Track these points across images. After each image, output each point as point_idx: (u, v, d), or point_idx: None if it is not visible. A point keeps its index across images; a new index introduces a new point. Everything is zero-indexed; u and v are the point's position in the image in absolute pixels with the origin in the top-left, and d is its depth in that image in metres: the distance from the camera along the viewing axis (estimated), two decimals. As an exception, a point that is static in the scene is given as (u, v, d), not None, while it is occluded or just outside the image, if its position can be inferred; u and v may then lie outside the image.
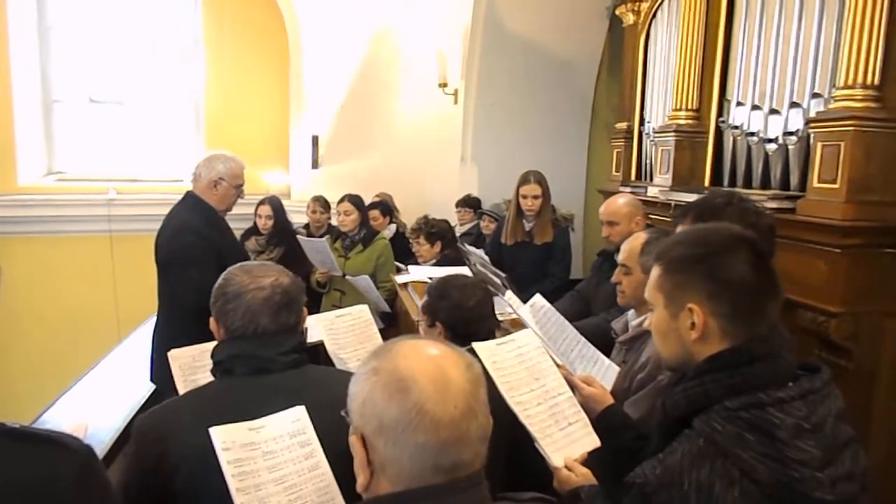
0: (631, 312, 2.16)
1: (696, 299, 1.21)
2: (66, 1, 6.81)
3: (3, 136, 6.45)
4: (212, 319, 1.59)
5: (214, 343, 1.58)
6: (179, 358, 1.80)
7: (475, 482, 0.92)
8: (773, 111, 3.00)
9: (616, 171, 4.66)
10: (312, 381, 1.54)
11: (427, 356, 0.93)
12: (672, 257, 1.25)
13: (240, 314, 1.52)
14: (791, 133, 2.86)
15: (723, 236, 1.25)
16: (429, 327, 1.92)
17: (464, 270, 3.44)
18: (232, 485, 1.22)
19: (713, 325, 1.20)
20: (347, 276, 4.11)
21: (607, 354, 2.10)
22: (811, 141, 2.64)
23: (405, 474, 0.89)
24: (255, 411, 1.36)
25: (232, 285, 1.55)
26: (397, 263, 4.44)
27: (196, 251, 2.88)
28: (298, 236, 4.28)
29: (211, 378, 1.56)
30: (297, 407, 1.37)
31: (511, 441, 1.57)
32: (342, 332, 2.11)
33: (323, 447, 1.35)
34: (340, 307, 2.39)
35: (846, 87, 2.45)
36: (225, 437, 1.25)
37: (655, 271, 1.28)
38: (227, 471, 1.22)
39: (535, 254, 3.81)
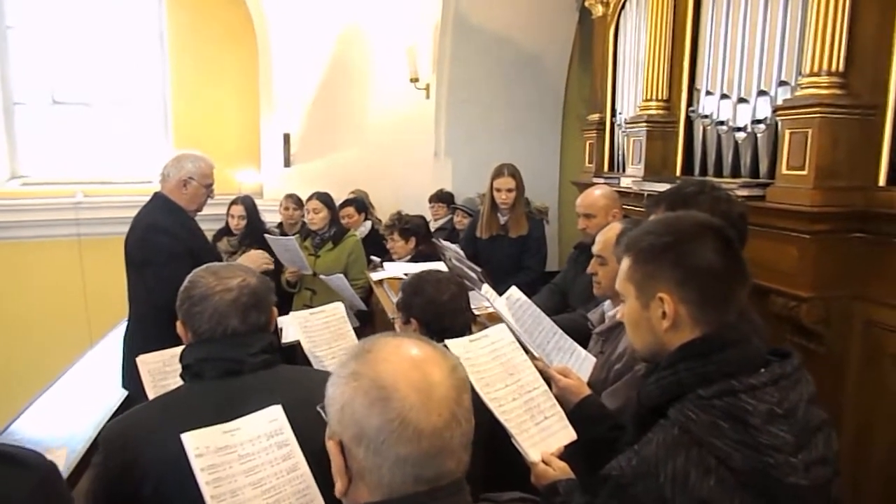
0: (607, 303, 2.17)
1: (666, 288, 1.21)
2: (24, 0, 6.63)
3: (-36, 141, 6.29)
4: (178, 323, 1.55)
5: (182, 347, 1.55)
6: (149, 363, 1.76)
7: (457, 489, 0.89)
8: (741, 100, 3.02)
9: (589, 163, 4.67)
10: (285, 381, 1.51)
11: (410, 360, 0.89)
12: (641, 247, 1.25)
13: (206, 317, 1.49)
14: (759, 121, 2.88)
15: (689, 224, 1.25)
16: (404, 324, 1.91)
17: (439, 266, 3.43)
18: (206, 492, 1.18)
19: (683, 313, 1.21)
20: (321, 276, 4.07)
21: (584, 347, 2.10)
22: (779, 128, 2.66)
23: (385, 484, 0.86)
24: (227, 414, 1.33)
25: (198, 288, 1.52)
26: (374, 258, 4.41)
27: (168, 250, 2.84)
28: (267, 236, 4.22)
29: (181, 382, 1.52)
30: (274, 406, 1.34)
31: (489, 438, 1.56)
32: (317, 329, 2.09)
33: (300, 447, 1.33)
34: (311, 306, 2.36)
35: (812, 74, 2.47)
36: (198, 443, 1.21)
37: (625, 262, 1.28)
38: (201, 478, 1.19)
39: (511, 247, 3.81)
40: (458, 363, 0.94)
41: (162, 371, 1.75)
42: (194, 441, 1.21)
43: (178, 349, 1.58)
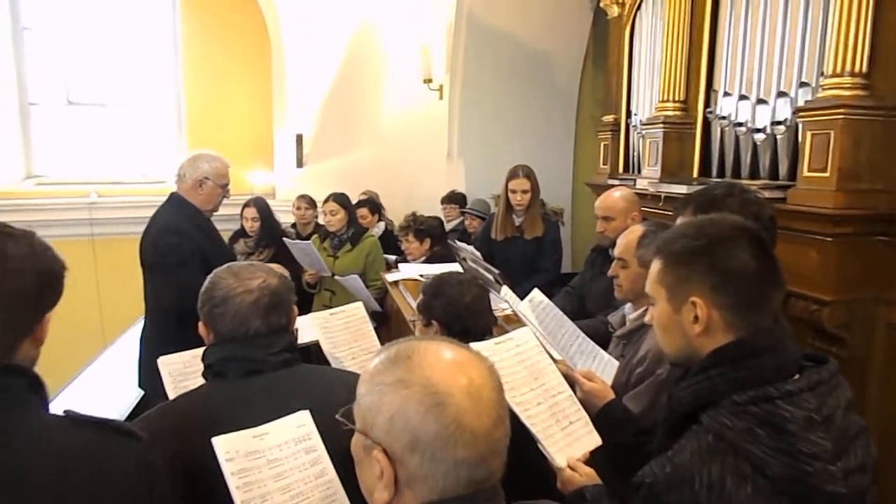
0: (628, 306, 2.15)
1: (699, 292, 1.19)
2: (41, 2, 6.68)
3: (-20, 141, 6.33)
4: (200, 324, 1.55)
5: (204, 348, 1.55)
6: (169, 364, 1.76)
7: (495, 492, 0.90)
8: (760, 101, 2.99)
9: (603, 165, 4.64)
10: (306, 380, 1.51)
11: (453, 364, 0.89)
12: (673, 250, 1.23)
13: (228, 318, 1.48)
14: (779, 122, 2.86)
15: (723, 227, 1.23)
16: (425, 326, 1.90)
17: (454, 267, 3.42)
18: (237, 496, 1.18)
19: (717, 318, 1.19)
20: (337, 276, 4.07)
21: (605, 349, 2.08)
22: (800, 130, 2.64)
23: (437, 489, 0.85)
24: (248, 412, 1.34)
25: (219, 289, 1.51)
26: (387, 257, 4.40)
27: (180, 252, 2.84)
28: (285, 239, 4.23)
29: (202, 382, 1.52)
30: (302, 412, 1.34)
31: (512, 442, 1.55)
32: (337, 330, 2.08)
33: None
34: (331, 307, 2.35)
35: (834, 75, 2.44)
36: (228, 447, 1.21)
37: (656, 265, 1.26)
38: (232, 482, 1.18)
39: (526, 249, 3.79)
40: (492, 365, 0.95)
41: (182, 372, 1.75)
42: (225, 445, 1.20)
43: (199, 351, 1.58)
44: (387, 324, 3.99)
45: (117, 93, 7.07)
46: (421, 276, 3.58)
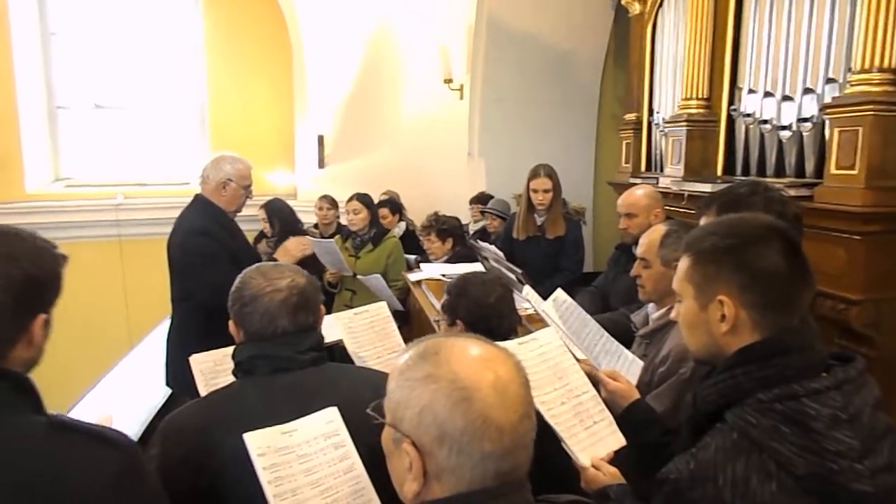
0: (651, 305, 2.14)
1: (727, 291, 1.18)
2: (67, 7, 6.82)
3: (10, 144, 6.47)
4: (230, 322, 1.59)
5: (234, 347, 1.58)
6: (201, 362, 1.80)
7: (521, 485, 0.92)
8: (786, 97, 2.96)
9: (625, 163, 4.63)
10: (332, 379, 1.54)
11: (481, 360, 0.91)
12: (702, 248, 1.23)
13: (258, 317, 1.51)
14: (805, 119, 2.83)
15: (754, 226, 1.22)
16: (449, 326, 1.91)
17: (476, 266, 3.43)
18: (268, 491, 1.20)
19: (744, 317, 1.18)
20: (359, 276, 4.10)
21: (627, 348, 2.08)
22: (827, 127, 2.61)
23: (465, 481, 0.88)
24: (276, 410, 1.36)
25: (248, 289, 1.55)
26: (408, 257, 4.41)
27: (206, 252, 2.89)
28: (309, 238, 4.26)
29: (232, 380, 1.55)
30: (330, 408, 1.36)
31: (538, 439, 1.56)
32: (361, 330, 2.10)
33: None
34: (352, 307, 2.38)
35: (862, 70, 2.41)
36: (259, 443, 1.24)
37: (685, 262, 1.26)
38: (263, 477, 1.21)
39: (547, 248, 3.79)
40: (519, 361, 0.96)
41: (213, 370, 1.79)
42: (256, 441, 1.23)
43: (228, 349, 1.62)
44: (409, 323, 4.01)
45: (142, 96, 7.18)
46: (443, 275, 3.60)
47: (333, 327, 2.08)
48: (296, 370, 1.49)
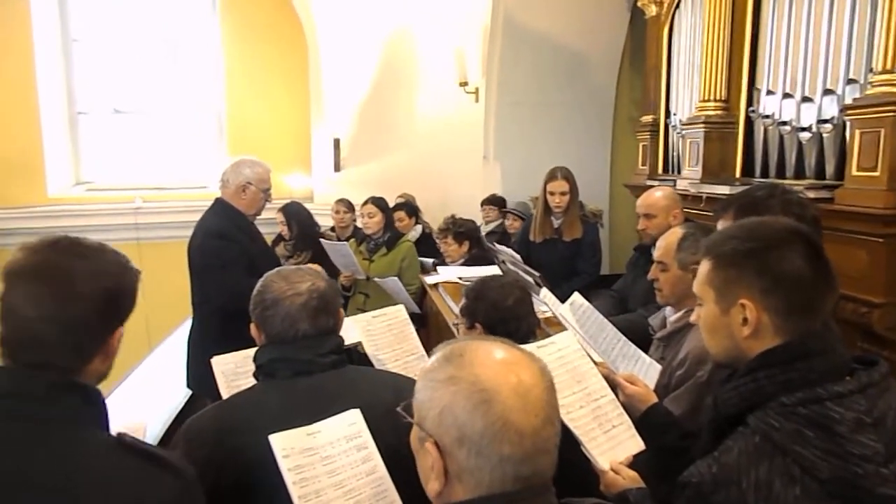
0: (668, 308, 2.13)
1: (749, 295, 1.17)
2: (88, 14, 6.93)
3: (32, 149, 6.58)
4: (252, 325, 1.61)
5: (256, 349, 1.60)
6: (222, 364, 1.82)
7: (546, 488, 0.92)
8: (805, 99, 2.94)
9: (642, 165, 4.60)
10: (353, 382, 1.55)
11: (503, 363, 0.92)
12: (724, 251, 1.22)
13: (279, 320, 1.53)
14: (825, 121, 2.80)
15: (776, 229, 1.21)
16: (468, 329, 1.92)
17: (493, 269, 3.43)
18: (294, 492, 1.22)
19: (766, 321, 1.17)
20: (376, 279, 4.11)
21: (645, 351, 2.07)
22: (848, 128, 2.58)
23: (485, 483, 0.88)
24: (297, 412, 1.38)
25: (270, 292, 1.56)
26: (424, 260, 4.41)
27: (226, 255, 2.92)
28: (323, 241, 4.29)
29: (253, 382, 1.57)
30: (353, 410, 1.37)
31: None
32: (380, 333, 2.11)
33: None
34: (365, 310, 2.40)
35: (884, 71, 2.38)
36: (284, 444, 1.25)
37: (705, 265, 1.25)
38: (289, 478, 1.22)
39: (564, 251, 3.78)
40: (545, 366, 0.96)
41: (234, 372, 1.81)
42: (281, 442, 1.24)
43: (250, 351, 1.63)
44: (426, 326, 4.01)
45: (160, 101, 7.28)
46: (460, 278, 3.60)
47: (351, 330, 2.09)
48: (316, 373, 1.51)
